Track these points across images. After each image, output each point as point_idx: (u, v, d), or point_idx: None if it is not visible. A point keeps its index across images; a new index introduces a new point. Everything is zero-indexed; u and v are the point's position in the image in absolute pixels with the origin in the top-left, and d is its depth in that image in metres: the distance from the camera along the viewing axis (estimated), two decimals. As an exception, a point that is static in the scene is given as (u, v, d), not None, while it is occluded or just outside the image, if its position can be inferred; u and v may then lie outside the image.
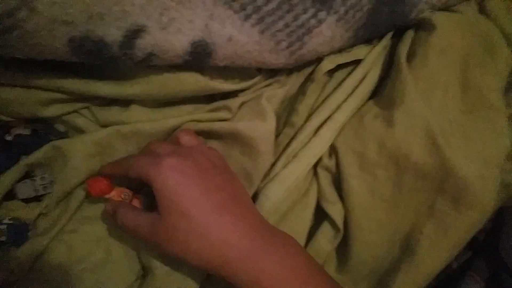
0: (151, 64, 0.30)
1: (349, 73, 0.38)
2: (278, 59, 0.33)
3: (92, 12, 0.26)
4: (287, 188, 0.36)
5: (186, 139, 0.32)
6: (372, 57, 0.38)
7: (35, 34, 0.25)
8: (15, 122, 0.33)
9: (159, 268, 0.31)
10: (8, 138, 0.32)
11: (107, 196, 0.32)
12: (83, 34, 0.27)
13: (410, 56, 0.38)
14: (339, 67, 0.39)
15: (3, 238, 0.30)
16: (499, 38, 0.39)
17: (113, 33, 0.27)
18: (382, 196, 0.35)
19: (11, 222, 0.31)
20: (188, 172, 0.28)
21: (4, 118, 0.32)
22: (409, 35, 0.39)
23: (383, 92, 0.38)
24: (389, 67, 0.39)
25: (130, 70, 0.31)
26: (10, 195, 0.32)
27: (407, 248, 0.35)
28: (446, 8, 0.40)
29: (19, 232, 0.31)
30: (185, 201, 0.27)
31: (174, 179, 0.27)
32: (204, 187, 0.28)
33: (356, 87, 0.38)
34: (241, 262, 0.26)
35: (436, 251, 0.33)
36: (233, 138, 0.35)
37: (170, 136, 0.35)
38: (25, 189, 0.32)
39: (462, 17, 0.39)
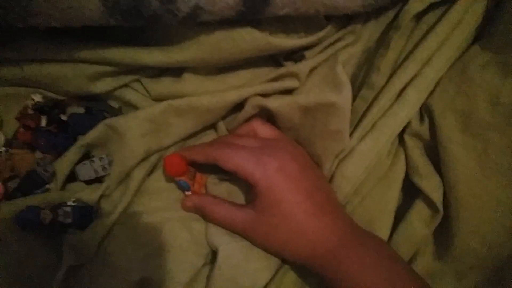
0: (198, 21, 0.25)
1: (443, 14, 0.30)
2: (351, 2, 0.27)
3: (125, -37, 0.22)
4: (367, 166, 0.31)
5: (264, 132, 0.31)
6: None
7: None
8: (69, 101, 0.32)
9: (227, 256, 0.28)
10: (63, 117, 0.31)
11: (181, 179, 0.31)
12: (119, -9, 0.23)
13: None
14: (430, 7, 0.30)
15: (69, 220, 0.29)
16: None
17: (151, -13, 0.23)
18: (496, 168, 0.28)
19: (75, 204, 0.30)
20: (292, 175, 0.28)
21: (57, 97, 0.31)
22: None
23: (493, 32, 0.29)
24: (497, 4, 0.29)
25: (176, 32, 0.27)
26: (72, 177, 0.31)
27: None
28: None
29: (84, 214, 0.30)
30: (289, 205, 0.27)
31: (280, 185, 0.28)
32: (305, 189, 0.28)
33: (452, 32, 0.30)
34: (339, 256, 0.26)
35: None
36: (304, 116, 0.30)
37: (237, 118, 0.32)
38: (85, 171, 0.31)
39: None
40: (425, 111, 0.30)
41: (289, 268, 0.30)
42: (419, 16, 0.31)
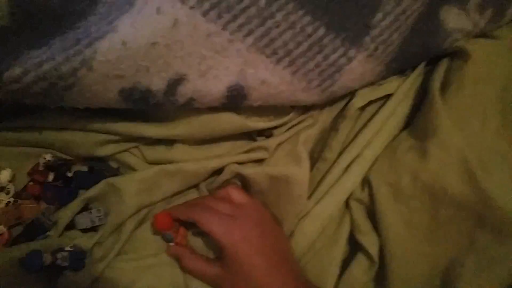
0: (192, 107, 0.33)
1: (381, 107, 0.39)
2: (310, 97, 0.35)
3: (139, 66, 0.29)
4: (321, 224, 0.37)
5: (237, 197, 0.37)
6: (403, 90, 0.39)
7: (92, 88, 0.29)
8: (74, 161, 0.37)
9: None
10: (69, 174, 0.37)
11: (168, 232, 0.36)
12: (132, 85, 0.30)
13: (445, 86, 0.38)
14: (371, 101, 0.39)
15: (65, 264, 0.33)
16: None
17: (157, 83, 0.30)
18: (418, 228, 0.35)
19: (72, 249, 0.34)
20: (253, 242, 0.34)
21: (65, 156, 0.37)
22: (443, 64, 0.39)
23: (416, 123, 0.38)
24: (423, 97, 0.39)
25: (173, 113, 0.35)
26: (70, 225, 0.36)
27: (447, 281, 0.34)
28: (482, 35, 0.39)
29: (79, 258, 0.34)
30: (249, 267, 0.33)
31: (242, 251, 0.33)
32: (263, 254, 0.34)
33: (386, 121, 0.39)
34: None
35: (479, 286, 0.33)
36: (271, 182, 0.37)
37: (217, 180, 0.39)
38: (83, 220, 0.36)
39: (498, 44, 0.38)
40: (365, 182, 0.38)
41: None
42: (363, 107, 0.40)
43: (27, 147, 0.36)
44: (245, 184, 0.39)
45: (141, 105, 0.31)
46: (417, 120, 0.38)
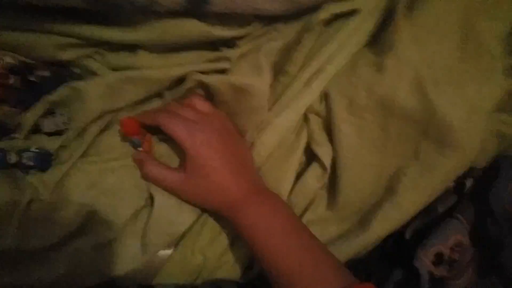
0: (152, 9, 0.32)
1: (346, 23, 0.39)
2: (273, 5, 0.35)
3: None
4: (280, 136, 0.39)
5: (201, 106, 0.38)
6: (370, 6, 0.39)
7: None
8: (37, 65, 0.37)
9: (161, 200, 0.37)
10: (32, 78, 0.37)
11: (134, 137, 0.38)
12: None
13: (410, 4, 0.38)
14: (337, 16, 0.39)
15: (31, 163, 0.35)
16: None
17: (116, -20, 0.30)
18: (369, 139, 0.38)
19: (37, 150, 0.35)
20: (214, 146, 0.36)
21: (27, 60, 0.36)
22: (411, -19, 0.39)
23: (377, 39, 0.39)
24: (388, 16, 0.39)
25: (134, 18, 0.34)
26: (35, 129, 0.37)
27: (390, 188, 0.37)
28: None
29: (45, 159, 0.36)
30: (210, 168, 0.35)
31: (204, 154, 0.35)
32: (224, 157, 0.36)
33: (350, 37, 0.39)
34: (243, 208, 0.35)
35: (417, 192, 0.36)
36: (232, 92, 0.37)
37: (180, 88, 0.39)
38: (48, 124, 0.37)
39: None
40: (324, 95, 0.40)
41: (208, 216, 0.39)
42: (329, 22, 0.40)
43: (-15, 48, 0.35)
44: (208, 94, 0.39)
45: (100, 5, 0.31)
46: (378, 37, 0.39)
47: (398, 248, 0.40)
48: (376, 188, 0.38)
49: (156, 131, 0.38)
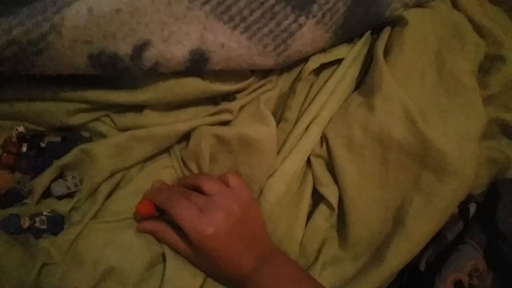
0: (158, 72, 0.35)
1: (333, 72, 0.43)
2: (266, 61, 0.38)
3: (105, 32, 0.32)
4: (287, 182, 0.41)
5: (209, 187, 0.37)
6: (352, 56, 0.43)
7: (61, 53, 0.32)
8: (46, 132, 0.39)
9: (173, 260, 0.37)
10: (43, 145, 0.38)
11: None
12: (100, 50, 0.33)
13: (388, 50, 0.42)
14: (324, 66, 0.43)
15: (44, 226, 0.35)
16: (468, 27, 0.43)
17: (124, 48, 0.33)
18: (371, 175, 0.39)
19: (49, 214, 0.36)
20: (221, 237, 0.35)
21: (38, 128, 0.38)
22: (386, 31, 0.43)
23: (364, 83, 0.42)
24: (370, 61, 0.43)
25: (140, 79, 0.37)
26: (47, 193, 0.38)
27: (398, 220, 0.38)
28: (419, 5, 0.44)
29: (57, 222, 0.36)
30: (215, 258, 0.35)
31: (211, 245, 0.35)
32: (230, 243, 0.35)
33: (338, 84, 0.43)
34: (254, 279, 0.35)
35: (424, 220, 0.37)
36: (241, 142, 0.39)
37: (189, 146, 0.40)
38: (59, 188, 0.37)
39: (433, 11, 0.43)
40: (323, 138, 0.42)
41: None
42: (317, 72, 0.44)
43: (-1, 120, 0.37)
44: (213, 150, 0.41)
45: (109, 71, 0.34)
46: (364, 81, 0.42)
47: (414, 281, 0.40)
48: (385, 222, 0.39)
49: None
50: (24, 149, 0.38)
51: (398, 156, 0.38)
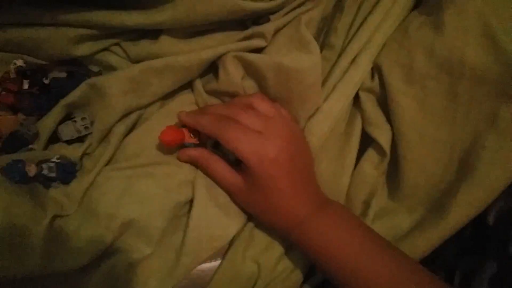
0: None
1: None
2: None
3: None
4: (330, 123, 0.35)
5: (264, 108, 0.33)
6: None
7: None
8: (50, 66, 0.33)
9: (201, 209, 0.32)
10: (46, 81, 0.33)
11: (187, 142, 0.33)
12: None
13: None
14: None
15: (53, 174, 0.30)
16: None
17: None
18: (434, 111, 0.32)
19: (59, 160, 0.31)
20: (282, 165, 0.31)
21: (39, 61, 0.33)
22: None
23: (427, 0, 0.34)
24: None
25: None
26: (55, 138, 0.33)
27: (466, 165, 0.32)
28: None
29: (67, 170, 0.31)
30: (271, 189, 0.31)
31: (269, 174, 0.31)
32: (289, 177, 0.31)
33: (395, 2, 0.35)
34: (307, 228, 0.31)
35: (500, 165, 0.30)
36: (279, 74, 0.33)
37: (219, 76, 0.34)
38: (67, 130, 0.33)
39: None
40: (375, 69, 0.35)
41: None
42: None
43: (-7, 52, 0.32)
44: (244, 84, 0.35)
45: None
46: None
47: (479, 236, 0.34)
48: (448, 167, 0.33)
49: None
50: (26, 86, 0.33)
51: (471, 86, 0.31)
